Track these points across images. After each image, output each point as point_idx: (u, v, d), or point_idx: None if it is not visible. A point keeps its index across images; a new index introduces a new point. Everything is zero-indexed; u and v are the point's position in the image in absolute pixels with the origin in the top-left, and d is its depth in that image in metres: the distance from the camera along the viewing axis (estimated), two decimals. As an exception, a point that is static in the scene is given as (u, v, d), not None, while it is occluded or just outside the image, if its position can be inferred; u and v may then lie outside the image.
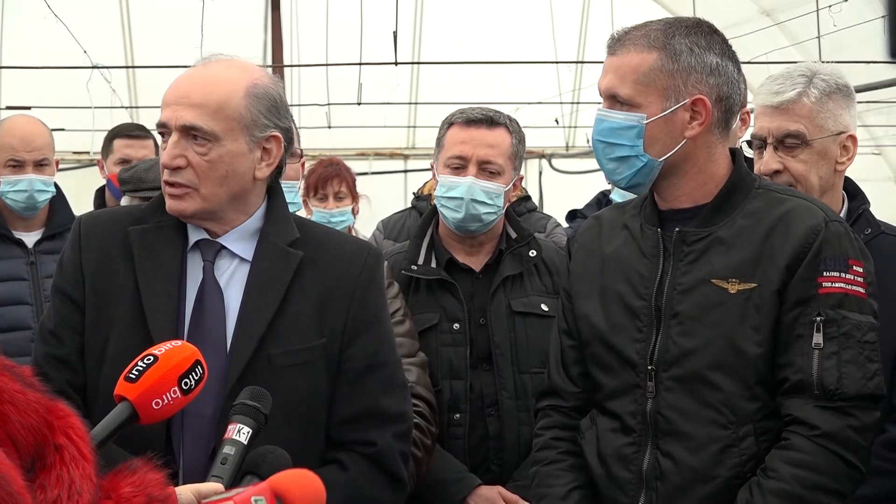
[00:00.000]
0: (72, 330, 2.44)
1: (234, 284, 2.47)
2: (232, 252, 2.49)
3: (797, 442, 2.45)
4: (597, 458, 2.62)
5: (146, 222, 2.50)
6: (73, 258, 2.48)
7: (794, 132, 3.04)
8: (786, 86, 3.06)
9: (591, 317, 2.66)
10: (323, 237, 2.59)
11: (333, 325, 2.47)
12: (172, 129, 2.42)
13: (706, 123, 2.55)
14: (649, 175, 2.58)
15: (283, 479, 1.73)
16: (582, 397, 2.73)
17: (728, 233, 2.56)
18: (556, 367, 2.77)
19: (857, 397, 2.46)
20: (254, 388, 2.00)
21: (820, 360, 2.46)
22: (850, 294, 2.49)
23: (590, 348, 2.67)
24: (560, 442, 2.73)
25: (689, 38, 2.55)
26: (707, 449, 2.50)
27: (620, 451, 2.58)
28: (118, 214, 2.62)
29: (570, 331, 2.74)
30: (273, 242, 2.48)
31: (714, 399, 2.50)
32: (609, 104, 2.59)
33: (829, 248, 2.50)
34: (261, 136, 2.47)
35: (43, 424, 1.43)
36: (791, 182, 3.03)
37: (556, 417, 2.76)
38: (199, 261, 2.48)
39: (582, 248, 2.77)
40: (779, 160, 3.05)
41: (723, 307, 2.51)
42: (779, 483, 2.43)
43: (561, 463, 2.71)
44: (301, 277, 2.47)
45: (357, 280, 2.51)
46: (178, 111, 2.41)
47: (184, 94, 2.43)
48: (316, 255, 2.51)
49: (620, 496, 2.57)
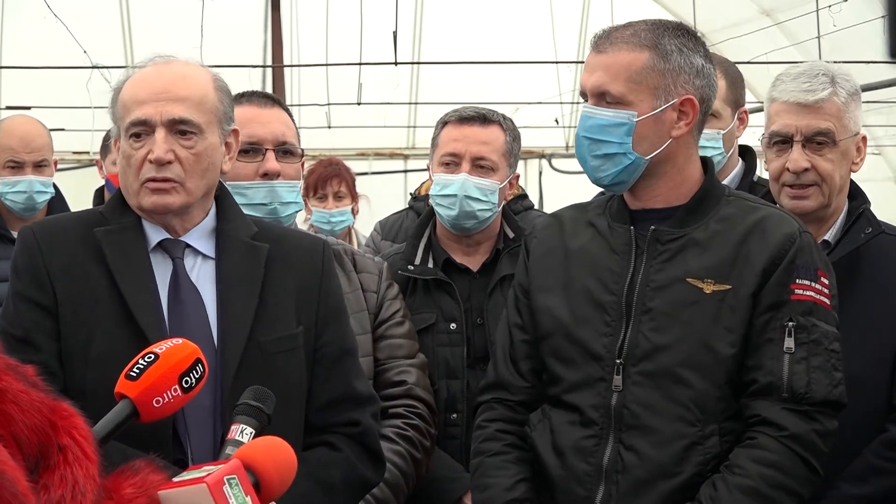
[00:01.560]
0: (46, 335, 2.40)
1: (203, 282, 2.49)
2: (195, 250, 2.51)
3: (764, 441, 2.48)
4: (552, 450, 2.62)
5: (107, 224, 2.50)
6: (35, 264, 2.44)
7: (824, 130, 3.05)
8: (814, 84, 3.06)
9: (554, 310, 2.67)
10: (279, 232, 2.65)
11: (308, 315, 2.54)
12: (158, 124, 2.43)
13: (692, 123, 2.59)
14: (634, 173, 2.60)
15: (251, 450, 1.73)
16: (530, 392, 2.74)
17: (703, 235, 2.59)
18: (503, 360, 2.78)
19: (823, 403, 2.51)
20: (257, 388, 2.01)
21: (790, 364, 2.51)
22: (819, 304, 2.55)
23: (549, 341, 2.67)
24: (505, 434, 2.73)
25: (678, 39, 2.59)
26: (673, 445, 2.51)
27: (579, 443, 2.58)
28: (69, 220, 2.62)
29: (523, 325, 2.75)
30: (235, 237, 2.53)
31: (683, 396, 2.52)
32: (596, 101, 2.61)
33: (803, 257, 2.55)
34: (228, 129, 2.54)
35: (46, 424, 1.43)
36: (817, 181, 3.05)
37: (501, 410, 2.77)
38: (163, 259, 2.49)
39: (542, 244, 2.77)
40: (807, 158, 3.05)
41: (697, 306, 2.54)
42: (744, 479, 2.46)
43: (506, 455, 2.71)
44: (271, 270, 2.52)
45: (321, 271, 2.60)
46: (163, 106, 2.43)
47: (163, 89, 2.45)
48: (279, 249, 2.56)
49: (577, 488, 2.57)
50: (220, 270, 2.49)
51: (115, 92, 2.53)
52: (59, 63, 9.43)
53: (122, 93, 2.50)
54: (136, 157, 2.46)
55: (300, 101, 11.44)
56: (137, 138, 2.46)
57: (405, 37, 11.64)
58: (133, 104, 2.46)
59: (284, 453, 1.76)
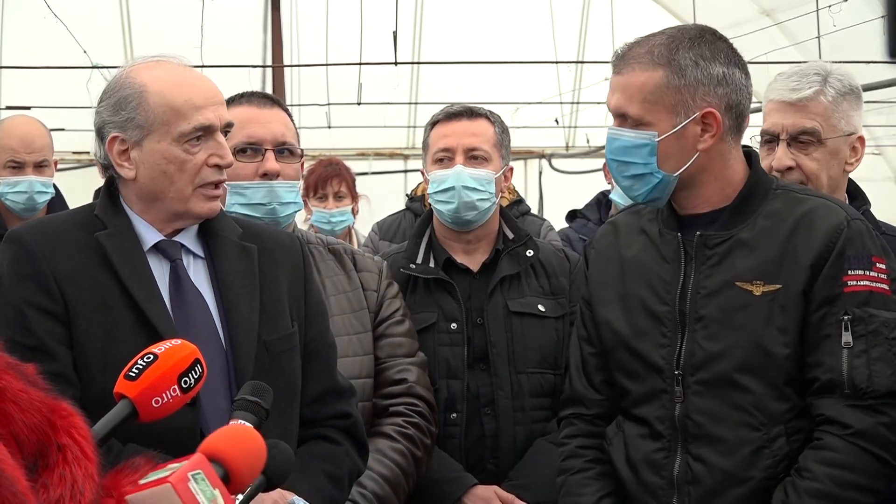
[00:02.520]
0: (60, 344, 2.37)
1: (198, 281, 2.50)
2: (188, 250, 2.52)
3: (830, 441, 2.46)
4: (626, 464, 2.62)
5: (104, 228, 2.48)
6: (39, 270, 2.40)
7: (809, 129, 3.05)
8: (802, 83, 3.06)
9: (614, 323, 2.66)
10: (258, 230, 2.66)
11: (298, 311, 2.58)
12: (219, 129, 2.47)
13: (718, 134, 2.54)
14: (666, 190, 2.58)
15: (215, 441, 1.69)
16: (605, 405, 2.73)
17: (750, 234, 2.55)
18: (577, 374, 2.76)
19: (887, 394, 2.47)
20: (255, 382, 2.01)
21: (849, 358, 2.47)
22: (876, 291, 2.50)
23: (614, 355, 2.66)
24: (586, 450, 2.73)
25: (693, 51, 2.53)
26: (739, 451, 2.50)
27: (650, 456, 2.58)
28: (62, 222, 2.57)
29: (590, 338, 2.74)
30: (225, 237, 2.54)
31: (743, 401, 2.50)
32: (619, 122, 2.59)
33: (853, 247, 2.50)
34: None
35: (46, 424, 1.43)
36: (802, 180, 3.04)
37: (581, 426, 2.76)
38: (159, 261, 2.48)
39: (600, 255, 2.76)
40: (791, 157, 3.05)
41: (748, 309, 2.51)
42: (813, 483, 2.44)
43: (589, 471, 2.71)
44: (263, 269, 2.54)
45: (303, 267, 2.64)
46: (220, 110, 2.48)
47: (213, 93, 2.50)
48: (264, 247, 2.58)
49: (652, 501, 2.57)
50: (217, 271, 2.50)
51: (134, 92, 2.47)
52: (59, 63, 9.42)
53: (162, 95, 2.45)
54: (195, 161, 2.45)
55: (300, 101, 11.44)
56: (196, 142, 2.45)
57: (405, 37, 11.64)
58: (190, 109, 2.44)
59: (250, 439, 1.73)
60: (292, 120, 3.20)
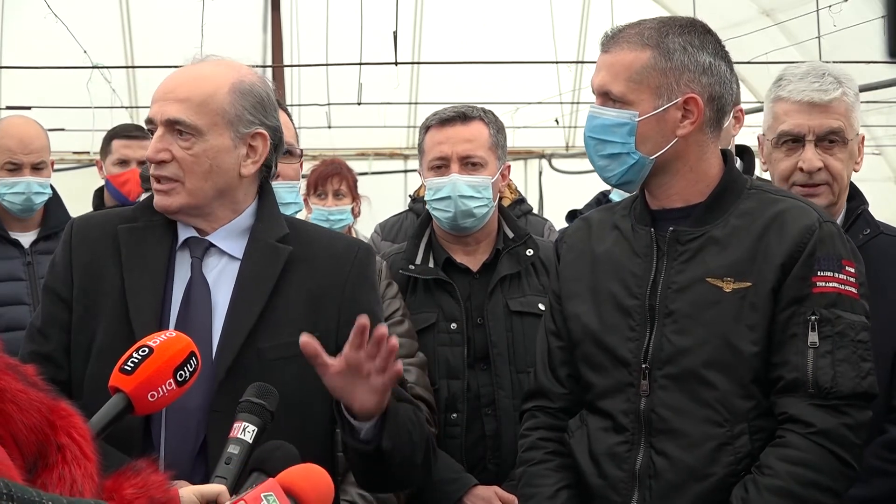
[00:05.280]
0: (58, 327, 2.47)
1: (223, 282, 2.48)
2: (221, 250, 2.50)
3: (793, 439, 2.46)
4: (588, 457, 2.62)
5: (136, 222, 2.53)
6: (64, 258, 2.51)
7: (836, 129, 3.06)
8: (825, 84, 3.06)
9: (583, 317, 2.66)
10: (314, 235, 2.62)
11: (327, 322, 2.48)
12: (158, 124, 2.46)
13: (698, 122, 2.56)
14: (640, 172, 2.59)
15: (291, 475, 1.72)
16: (569, 398, 2.73)
17: (722, 232, 2.57)
18: (542, 368, 2.77)
19: (851, 396, 2.48)
20: (260, 384, 2.01)
21: (815, 358, 2.48)
22: (844, 294, 2.51)
23: (581, 348, 2.67)
24: (547, 442, 2.73)
25: (682, 37, 2.56)
26: (702, 447, 2.50)
27: (613, 449, 2.58)
28: (110, 216, 2.64)
29: (558, 332, 2.74)
30: (262, 239, 2.51)
31: (709, 397, 2.51)
32: (601, 101, 2.60)
33: (823, 248, 2.51)
34: (245, 132, 2.49)
35: (45, 424, 1.43)
36: (828, 180, 3.05)
37: (543, 418, 2.76)
38: (187, 258, 2.49)
39: (571, 249, 2.77)
40: (820, 157, 3.05)
41: (718, 306, 2.52)
42: (775, 480, 2.44)
43: (548, 463, 2.71)
44: (291, 273, 2.49)
45: (347, 275, 2.53)
46: (164, 106, 2.45)
47: (170, 89, 2.47)
48: (307, 252, 2.53)
49: (612, 495, 2.57)
50: (241, 273, 2.49)
51: None
52: (59, 63, 9.42)
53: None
54: (147, 151, 2.49)
55: (300, 101, 11.44)
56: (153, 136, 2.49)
57: (405, 37, 11.65)
58: (151, 102, 2.51)
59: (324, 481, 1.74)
60: (292, 120, 3.20)
